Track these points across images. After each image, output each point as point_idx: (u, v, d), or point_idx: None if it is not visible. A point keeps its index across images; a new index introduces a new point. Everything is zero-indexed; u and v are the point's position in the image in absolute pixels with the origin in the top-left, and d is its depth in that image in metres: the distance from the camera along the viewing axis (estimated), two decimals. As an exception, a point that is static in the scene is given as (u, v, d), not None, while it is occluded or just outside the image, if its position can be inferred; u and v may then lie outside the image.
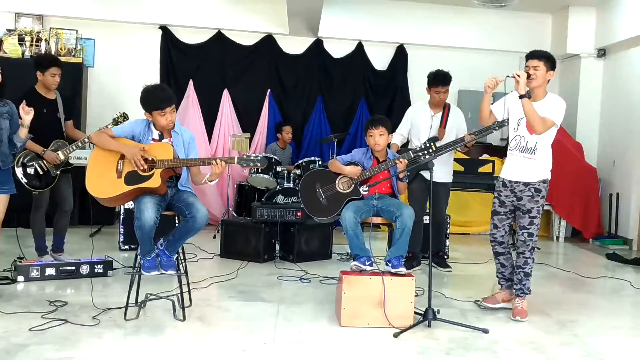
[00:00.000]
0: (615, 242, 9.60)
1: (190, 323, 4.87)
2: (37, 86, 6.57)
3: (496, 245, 5.52)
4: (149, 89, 5.10)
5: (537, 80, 5.20)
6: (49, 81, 6.53)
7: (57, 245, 6.81)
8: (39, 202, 6.59)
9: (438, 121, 6.99)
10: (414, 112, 7.19)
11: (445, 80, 6.97)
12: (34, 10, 9.90)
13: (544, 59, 5.23)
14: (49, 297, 5.39)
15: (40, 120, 6.40)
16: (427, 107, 7.09)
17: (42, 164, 6.32)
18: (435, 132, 6.92)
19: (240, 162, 5.06)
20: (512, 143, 5.36)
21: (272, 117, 10.51)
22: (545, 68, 5.22)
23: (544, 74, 5.22)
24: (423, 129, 6.99)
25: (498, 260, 5.57)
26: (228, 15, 10.35)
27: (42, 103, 6.48)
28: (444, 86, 6.96)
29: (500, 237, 5.48)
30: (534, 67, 5.20)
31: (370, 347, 4.52)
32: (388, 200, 5.47)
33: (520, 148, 5.30)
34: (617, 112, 10.22)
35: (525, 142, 5.27)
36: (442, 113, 7.02)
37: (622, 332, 5.23)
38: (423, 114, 7.07)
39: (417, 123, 7.05)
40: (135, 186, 4.90)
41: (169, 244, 5.00)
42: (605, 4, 10.21)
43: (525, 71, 5.22)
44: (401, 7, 10.68)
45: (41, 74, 6.52)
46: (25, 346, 4.18)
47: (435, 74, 7.01)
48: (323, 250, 7.73)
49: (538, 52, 5.29)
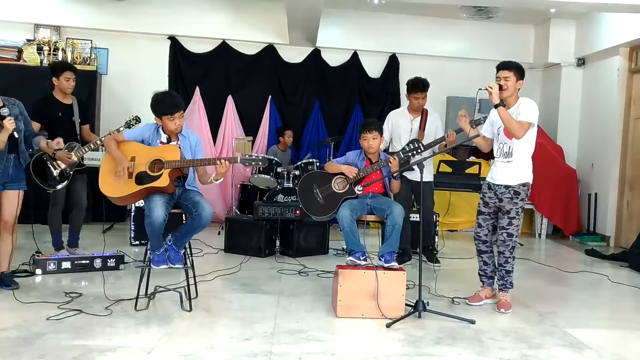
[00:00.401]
0: (594, 239, 9.59)
1: (197, 313, 4.87)
2: (55, 92, 6.58)
3: (480, 243, 5.49)
4: (159, 95, 5.10)
5: (508, 91, 5.16)
6: (64, 85, 6.53)
7: (72, 240, 6.81)
8: (55, 200, 6.60)
9: (417, 125, 6.98)
10: (394, 117, 7.14)
11: (423, 87, 6.94)
12: (51, 21, 9.91)
13: (514, 69, 5.18)
14: (64, 288, 5.39)
15: (56, 123, 6.42)
16: (407, 112, 7.07)
17: (56, 164, 6.31)
18: (415, 134, 6.91)
19: (243, 161, 5.07)
20: (497, 152, 5.35)
21: (273, 122, 10.51)
22: (515, 78, 5.18)
23: (514, 84, 5.18)
24: (404, 132, 6.97)
25: (481, 258, 5.54)
26: (232, 26, 10.36)
27: (58, 107, 6.50)
28: (422, 92, 6.94)
29: (484, 236, 5.46)
30: (504, 78, 5.16)
31: (364, 336, 4.53)
32: (380, 199, 5.49)
33: (504, 154, 5.28)
34: (595, 118, 10.22)
35: (508, 148, 5.25)
36: (420, 117, 7.01)
37: (600, 323, 5.25)
38: (403, 119, 7.04)
39: (397, 127, 7.02)
40: (145, 186, 4.92)
41: (177, 239, 5.02)
42: (585, 17, 10.22)
43: (496, 82, 5.17)
44: (394, 19, 10.68)
45: (56, 79, 6.52)
46: (42, 334, 4.19)
47: (414, 81, 6.98)
48: (320, 246, 7.73)
49: (508, 63, 5.25)
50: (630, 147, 9.49)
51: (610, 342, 4.72)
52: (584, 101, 10.63)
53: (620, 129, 9.61)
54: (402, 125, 7.00)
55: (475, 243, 5.54)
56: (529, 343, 4.49)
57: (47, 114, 6.43)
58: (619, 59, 9.57)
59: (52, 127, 6.39)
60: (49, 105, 6.48)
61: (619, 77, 9.58)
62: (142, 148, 5.08)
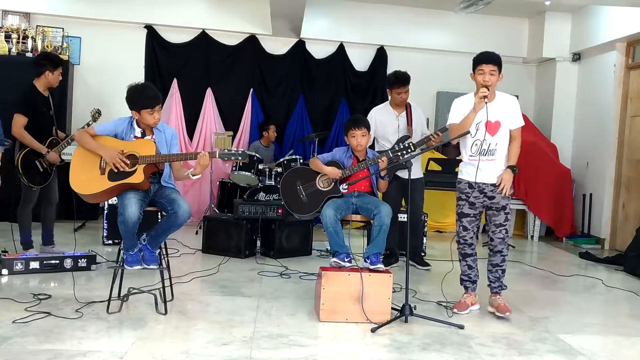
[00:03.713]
0: (588, 242, 9.67)
1: (172, 317, 4.85)
2: (37, 83, 6.51)
3: (466, 247, 5.45)
4: (138, 87, 5.06)
5: (493, 86, 5.21)
6: (55, 80, 6.52)
7: (47, 238, 6.78)
8: (30, 197, 6.56)
9: (404, 120, 6.99)
10: (377, 113, 7.12)
11: (405, 80, 6.96)
12: (20, 8, 9.83)
13: (498, 64, 5.20)
14: (32, 290, 5.35)
15: (41, 119, 6.39)
16: (390, 108, 7.07)
17: (43, 162, 6.31)
18: (403, 131, 6.92)
19: (222, 155, 5.04)
20: (473, 148, 5.28)
21: (255, 116, 10.50)
22: (498, 71, 5.21)
23: (497, 78, 5.21)
24: (390, 129, 6.96)
25: (466, 262, 5.49)
26: (212, 15, 10.32)
27: (43, 101, 6.47)
28: (405, 86, 6.96)
29: (470, 239, 5.44)
30: (490, 72, 5.16)
31: (348, 341, 4.52)
32: (367, 198, 5.48)
33: (482, 152, 5.24)
34: (590, 115, 10.29)
35: (487, 145, 5.23)
36: (405, 112, 7.03)
37: (594, 328, 5.26)
38: (387, 116, 7.04)
39: (382, 125, 7.00)
40: (119, 182, 4.89)
41: (152, 239, 4.99)
42: (581, 10, 10.28)
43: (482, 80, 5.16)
44: (382, 10, 10.69)
45: (50, 73, 6.48)
46: (8, 338, 4.15)
47: (396, 75, 6.98)
48: (303, 247, 7.73)
49: (492, 56, 5.23)
50: (627, 146, 9.55)
51: (604, 348, 4.75)
52: (579, 98, 10.70)
53: (616, 127, 9.67)
54: (387, 123, 6.99)
55: (460, 247, 5.49)
56: (520, 349, 4.51)
57: (36, 107, 6.40)
58: (616, 54, 9.64)
59: (38, 123, 6.35)
60: (37, 100, 6.44)
61: (615, 73, 9.63)
62: (115, 142, 5.04)
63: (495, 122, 5.22)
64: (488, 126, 5.21)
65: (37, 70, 6.50)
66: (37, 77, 6.51)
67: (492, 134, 5.21)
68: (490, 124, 5.20)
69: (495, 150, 5.24)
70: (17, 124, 6.28)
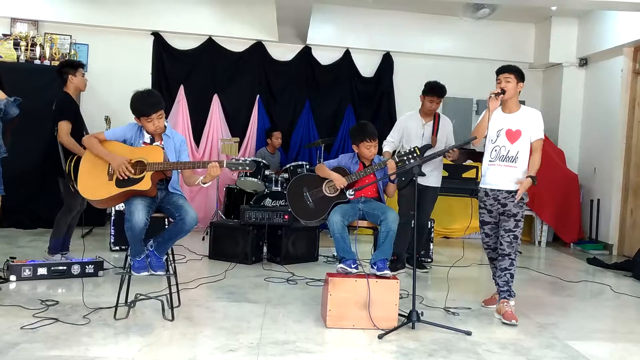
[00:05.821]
0: (596, 247, 9.64)
1: (179, 323, 4.85)
2: (68, 89, 6.57)
3: (490, 251, 5.65)
4: (137, 95, 5.05)
5: (508, 93, 5.36)
6: (82, 81, 6.59)
7: (67, 244, 6.79)
8: (75, 205, 6.59)
9: (430, 129, 7.02)
10: (405, 120, 7.18)
11: (441, 92, 7.06)
12: (29, 15, 9.89)
13: (514, 72, 5.40)
14: (40, 296, 5.36)
15: (79, 124, 6.44)
16: (418, 116, 7.12)
17: None
18: (427, 140, 6.94)
19: (229, 165, 5.04)
20: (492, 154, 5.43)
21: (261, 122, 10.52)
22: (516, 80, 5.38)
23: (514, 86, 5.38)
24: (414, 137, 6.99)
25: (493, 265, 5.66)
26: (219, 22, 10.37)
27: (77, 107, 6.54)
28: (439, 97, 7.05)
29: (493, 244, 5.59)
30: (505, 79, 5.36)
31: (355, 347, 4.51)
32: (373, 204, 5.47)
33: (500, 158, 5.37)
34: (597, 120, 10.28)
35: (506, 152, 5.35)
36: (433, 122, 7.05)
37: (602, 335, 5.25)
38: (414, 123, 7.09)
39: (408, 131, 7.05)
40: (126, 188, 4.88)
41: (159, 245, 4.98)
42: (587, 15, 10.28)
43: (498, 86, 5.38)
44: (388, 16, 10.71)
45: (73, 76, 6.54)
46: (16, 344, 4.15)
47: (433, 85, 7.07)
48: (310, 253, 7.73)
49: (508, 66, 5.47)
50: (634, 151, 9.54)
51: (612, 355, 4.74)
52: (586, 103, 10.68)
53: (624, 132, 9.66)
54: (412, 129, 7.04)
55: (487, 252, 5.72)
56: (528, 355, 4.49)
57: (76, 111, 6.46)
58: (623, 59, 9.62)
59: (75, 127, 6.38)
60: (75, 108, 6.50)
61: (622, 78, 9.63)
62: (124, 148, 5.04)
63: (516, 131, 5.37)
64: (508, 134, 5.35)
65: (62, 78, 6.58)
66: (65, 85, 6.58)
67: (511, 142, 5.34)
68: (510, 132, 5.36)
69: (515, 158, 5.35)
70: (64, 130, 6.26)
